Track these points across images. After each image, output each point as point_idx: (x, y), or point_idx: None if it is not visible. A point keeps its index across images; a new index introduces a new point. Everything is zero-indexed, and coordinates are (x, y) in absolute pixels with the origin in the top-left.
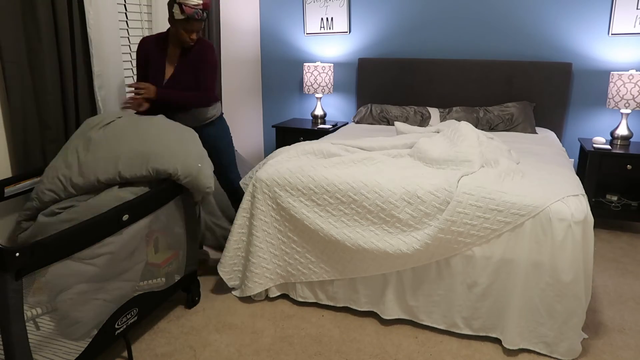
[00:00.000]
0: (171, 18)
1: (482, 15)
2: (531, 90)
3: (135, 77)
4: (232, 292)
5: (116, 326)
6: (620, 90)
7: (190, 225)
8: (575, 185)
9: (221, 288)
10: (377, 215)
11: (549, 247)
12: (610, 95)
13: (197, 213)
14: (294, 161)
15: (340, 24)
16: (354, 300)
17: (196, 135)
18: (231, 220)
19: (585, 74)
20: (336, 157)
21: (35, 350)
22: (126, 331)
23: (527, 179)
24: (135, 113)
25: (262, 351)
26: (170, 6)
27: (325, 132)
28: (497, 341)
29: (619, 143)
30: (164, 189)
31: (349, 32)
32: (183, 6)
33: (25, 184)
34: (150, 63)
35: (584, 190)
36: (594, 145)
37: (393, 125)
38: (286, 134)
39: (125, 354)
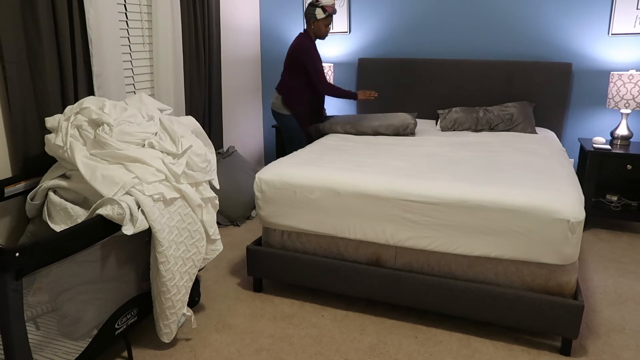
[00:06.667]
0: (313, 19)
1: (482, 15)
2: (531, 90)
3: (129, 75)
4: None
5: (116, 326)
6: (620, 90)
7: None
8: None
9: (221, 288)
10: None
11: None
12: (610, 95)
13: None
14: None
15: (340, 24)
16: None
17: None
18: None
19: (585, 74)
20: None
21: (35, 350)
22: (126, 331)
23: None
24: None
25: (262, 351)
26: (311, 11)
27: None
28: (496, 341)
29: (618, 143)
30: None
31: (349, 32)
32: (325, 7)
33: (26, 184)
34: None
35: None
36: (594, 145)
37: None
38: None
39: (125, 354)
